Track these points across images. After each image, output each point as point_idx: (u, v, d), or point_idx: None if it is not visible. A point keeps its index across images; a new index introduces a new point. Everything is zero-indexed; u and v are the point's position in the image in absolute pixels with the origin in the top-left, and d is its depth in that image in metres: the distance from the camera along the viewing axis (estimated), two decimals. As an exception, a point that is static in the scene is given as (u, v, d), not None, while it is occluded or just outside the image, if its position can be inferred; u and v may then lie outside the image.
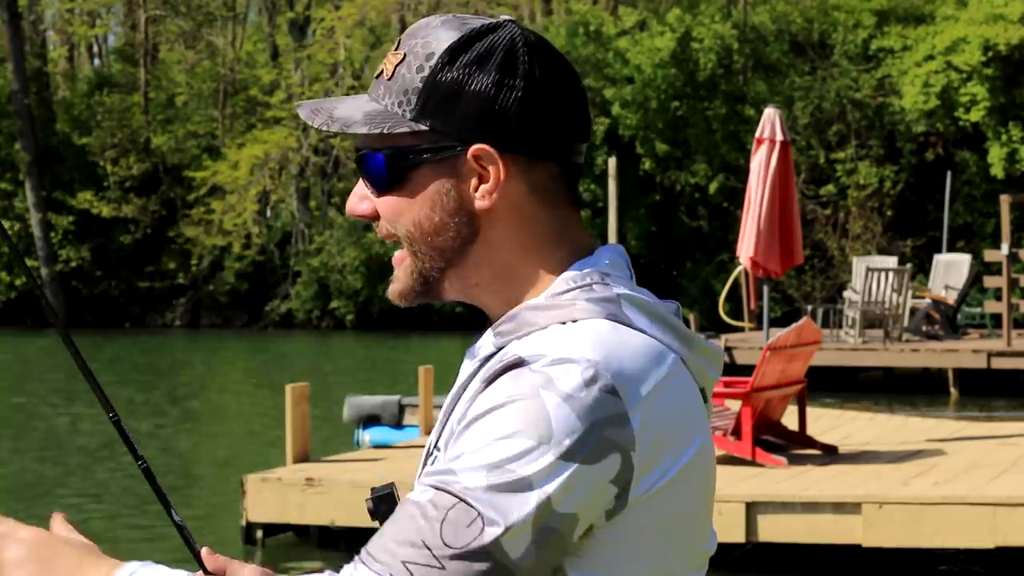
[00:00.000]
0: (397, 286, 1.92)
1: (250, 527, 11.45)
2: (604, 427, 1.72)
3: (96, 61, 51.46)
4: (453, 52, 1.87)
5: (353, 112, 1.89)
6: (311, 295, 40.34)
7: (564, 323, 1.81)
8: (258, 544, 11.42)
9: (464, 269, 1.89)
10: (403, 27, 43.24)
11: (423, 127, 1.86)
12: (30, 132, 42.60)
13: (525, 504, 1.69)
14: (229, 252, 41.31)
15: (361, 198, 1.91)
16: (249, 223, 40.86)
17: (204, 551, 1.96)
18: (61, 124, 44.43)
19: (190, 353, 33.28)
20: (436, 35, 1.88)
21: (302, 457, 11.80)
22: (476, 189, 1.87)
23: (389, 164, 1.88)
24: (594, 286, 1.85)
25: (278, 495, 11.26)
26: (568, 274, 1.88)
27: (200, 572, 1.95)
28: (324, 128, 1.90)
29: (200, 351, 33.92)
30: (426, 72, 1.86)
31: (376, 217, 1.90)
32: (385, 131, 1.86)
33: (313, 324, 40.27)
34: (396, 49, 1.90)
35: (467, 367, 1.91)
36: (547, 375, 1.73)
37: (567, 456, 1.70)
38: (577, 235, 1.90)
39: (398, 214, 1.89)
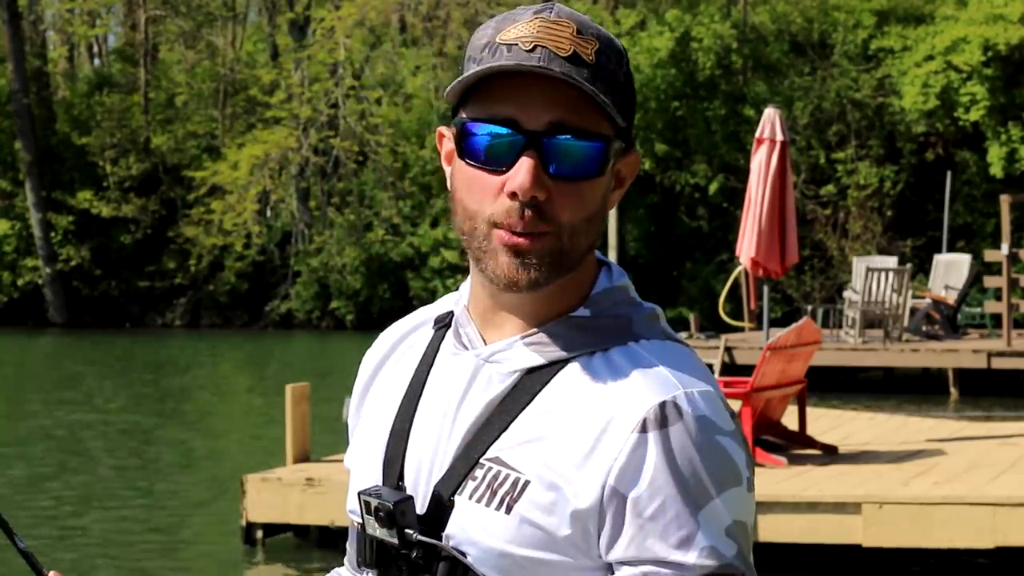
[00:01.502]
0: (535, 274, 1.82)
1: (250, 527, 11.45)
2: (748, 449, 1.88)
3: (96, 61, 51.45)
4: (627, 56, 1.88)
5: (597, 90, 1.82)
6: (311, 295, 40.33)
7: (627, 344, 1.86)
8: (258, 544, 11.42)
9: (576, 272, 1.88)
10: (403, 27, 43.28)
11: (622, 124, 1.85)
12: (30, 132, 42.58)
13: (751, 543, 1.88)
14: (229, 252, 41.30)
15: (542, 180, 1.81)
16: (249, 223, 40.85)
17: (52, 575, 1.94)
18: (61, 124, 44.42)
19: (190, 353, 33.27)
20: (605, 32, 1.86)
21: (302, 457, 11.80)
22: (612, 190, 1.89)
23: (606, 153, 1.84)
24: (630, 300, 1.90)
25: (278, 495, 11.26)
26: (604, 288, 1.90)
27: None
28: (596, 95, 1.80)
29: (200, 351, 33.91)
30: (626, 69, 1.86)
31: (544, 203, 1.82)
32: (616, 120, 1.84)
33: (313, 324, 40.26)
34: (579, 33, 1.83)
35: (483, 370, 1.88)
36: (707, 418, 1.80)
37: (750, 485, 1.86)
38: None
39: (590, 204, 1.84)
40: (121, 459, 16.96)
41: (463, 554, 1.83)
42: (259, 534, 11.44)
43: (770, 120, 14.77)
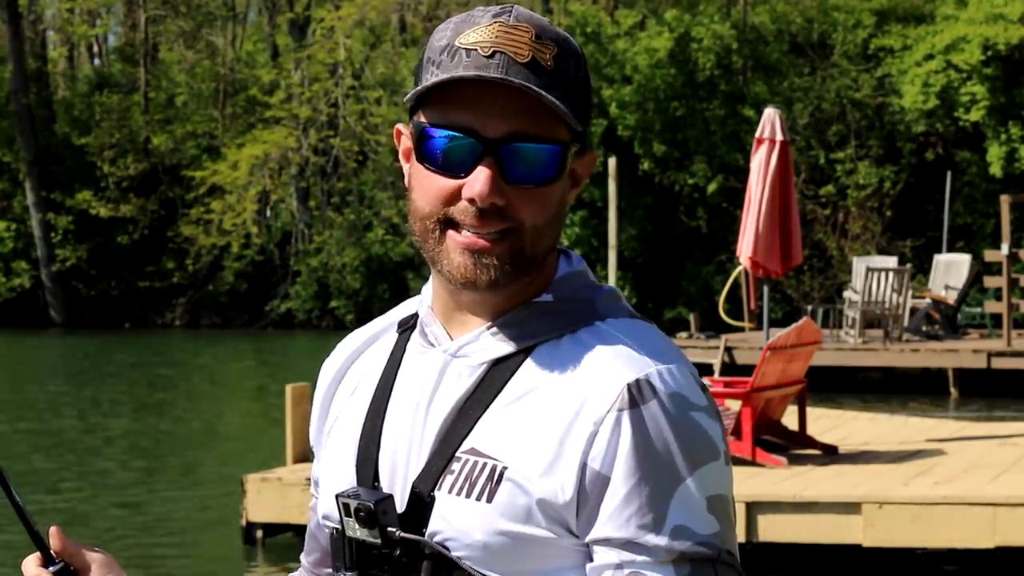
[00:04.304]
0: (495, 274, 1.84)
1: (250, 527, 11.45)
2: (722, 422, 1.87)
3: (96, 61, 51.44)
4: (584, 59, 1.89)
5: (554, 98, 1.83)
6: (311, 295, 40.34)
7: (593, 324, 1.87)
8: (258, 544, 11.42)
9: (542, 263, 1.90)
10: (403, 27, 43.27)
11: (579, 128, 1.87)
12: (30, 132, 42.58)
13: (731, 516, 1.84)
14: (229, 252, 41.30)
15: (499, 187, 1.83)
16: (248, 223, 40.85)
17: (53, 529, 1.93)
18: (61, 124, 44.42)
19: (190, 353, 33.27)
20: (563, 34, 1.87)
21: (302, 457, 11.80)
22: (569, 190, 1.91)
23: (563, 157, 1.86)
24: (590, 283, 1.91)
25: (278, 495, 11.26)
26: (565, 273, 1.92)
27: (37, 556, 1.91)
28: (555, 106, 1.81)
29: (200, 351, 33.91)
30: (582, 72, 1.87)
31: (504, 207, 1.84)
32: (571, 124, 1.85)
33: (313, 324, 40.26)
34: (537, 39, 1.84)
35: (452, 365, 1.89)
36: (679, 394, 1.81)
37: (727, 458, 1.85)
38: None
39: (549, 207, 1.86)
40: (121, 459, 16.95)
41: (447, 549, 1.83)
42: (259, 534, 11.44)
43: (770, 120, 14.76)
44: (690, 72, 36.22)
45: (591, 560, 1.82)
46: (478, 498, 1.82)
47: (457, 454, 1.85)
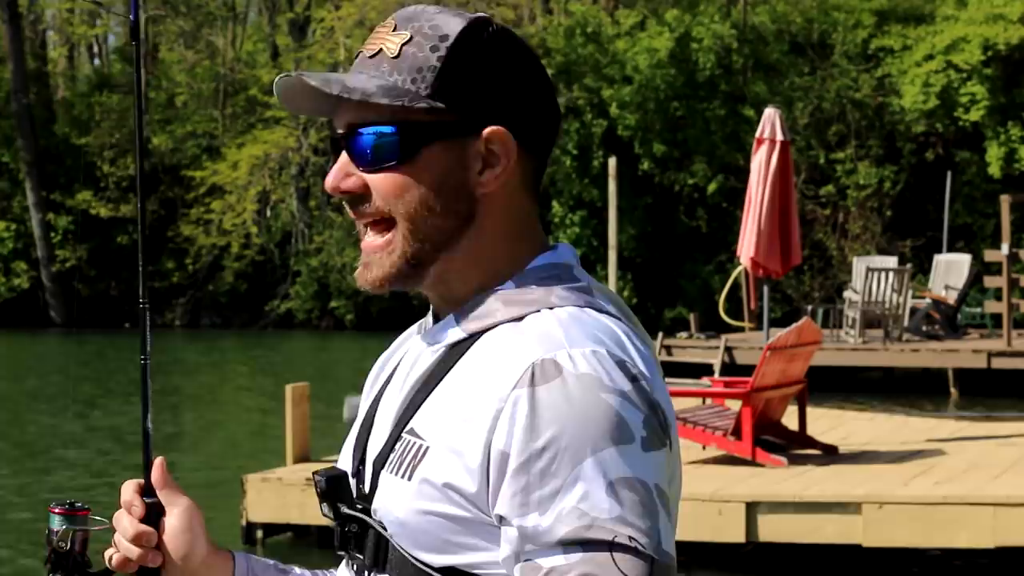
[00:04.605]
0: (378, 272, 1.90)
1: (250, 527, 11.46)
2: (655, 411, 1.80)
3: (96, 61, 51.44)
4: (467, 36, 1.89)
5: (367, 84, 1.88)
6: (310, 295, 40.33)
7: (540, 311, 1.85)
8: (258, 544, 11.43)
9: (453, 253, 1.90)
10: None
11: (439, 105, 1.87)
12: (30, 132, 42.57)
13: (649, 503, 1.75)
14: (229, 252, 41.30)
15: (348, 174, 1.90)
16: (248, 223, 40.85)
17: (158, 461, 2.00)
18: (60, 124, 44.41)
19: (190, 353, 33.27)
20: (443, 19, 1.90)
21: (302, 457, 11.80)
22: (481, 172, 1.89)
23: (403, 138, 1.87)
24: (563, 276, 1.90)
25: (278, 495, 11.26)
26: (537, 264, 1.92)
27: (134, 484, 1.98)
28: (344, 96, 1.87)
29: (200, 351, 33.91)
30: (443, 52, 1.87)
31: (361, 193, 1.89)
32: (405, 104, 1.86)
33: (313, 324, 40.26)
34: (395, 30, 1.90)
35: (426, 351, 1.93)
36: (589, 375, 1.76)
37: (648, 444, 1.77)
38: (539, 230, 1.96)
39: (402, 191, 1.88)
40: (120, 459, 16.95)
41: (384, 527, 1.88)
42: (259, 534, 11.44)
43: (770, 120, 14.77)
44: (690, 72, 36.22)
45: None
46: (402, 476, 1.85)
47: (401, 435, 1.89)
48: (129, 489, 1.97)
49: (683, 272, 36.07)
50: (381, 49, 1.89)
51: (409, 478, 1.84)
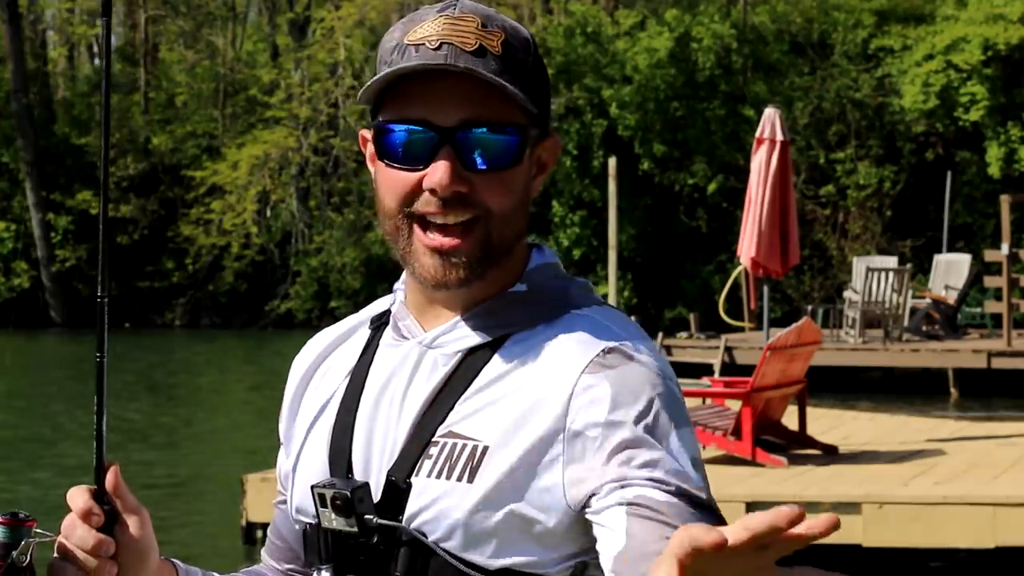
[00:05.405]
0: (466, 272, 1.85)
1: (250, 527, 11.46)
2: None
3: (96, 61, 51.43)
4: (534, 43, 1.90)
5: (505, 82, 1.84)
6: (310, 295, 40.33)
7: (569, 311, 1.88)
8: (258, 544, 11.42)
9: (509, 255, 1.91)
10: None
11: (534, 110, 1.88)
12: (30, 132, 42.57)
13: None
14: (228, 252, 41.30)
15: (458, 175, 1.84)
16: (248, 223, 40.85)
17: (113, 468, 1.92)
18: (61, 124, 44.41)
19: (190, 353, 33.27)
20: (511, 22, 1.88)
21: (302, 457, 11.78)
22: (534, 178, 1.92)
23: (521, 141, 1.87)
24: (561, 276, 1.93)
25: (278, 495, 11.24)
26: (536, 265, 1.93)
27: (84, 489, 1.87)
28: (505, 88, 1.82)
29: (200, 351, 33.91)
30: (531, 56, 1.88)
31: (468, 194, 1.85)
32: (531, 109, 1.87)
33: (313, 324, 40.23)
34: (483, 27, 1.85)
35: (428, 355, 1.90)
36: (655, 363, 1.83)
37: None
38: None
39: (511, 192, 1.87)
40: (120, 459, 16.92)
41: (424, 535, 1.83)
42: (259, 534, 11.43)
43: (770, 120, 14.77)
44: (690, 72, 36.22)
45: (582, 528, 1.80)
46: (459, 479, 1.82)
47: (434, 439, 1.85)
48: (82, 496, 1.86)
49: (683, 272, 36.07)
50: (482, 45, 1.84)
51: (470, 480, 1.81)
